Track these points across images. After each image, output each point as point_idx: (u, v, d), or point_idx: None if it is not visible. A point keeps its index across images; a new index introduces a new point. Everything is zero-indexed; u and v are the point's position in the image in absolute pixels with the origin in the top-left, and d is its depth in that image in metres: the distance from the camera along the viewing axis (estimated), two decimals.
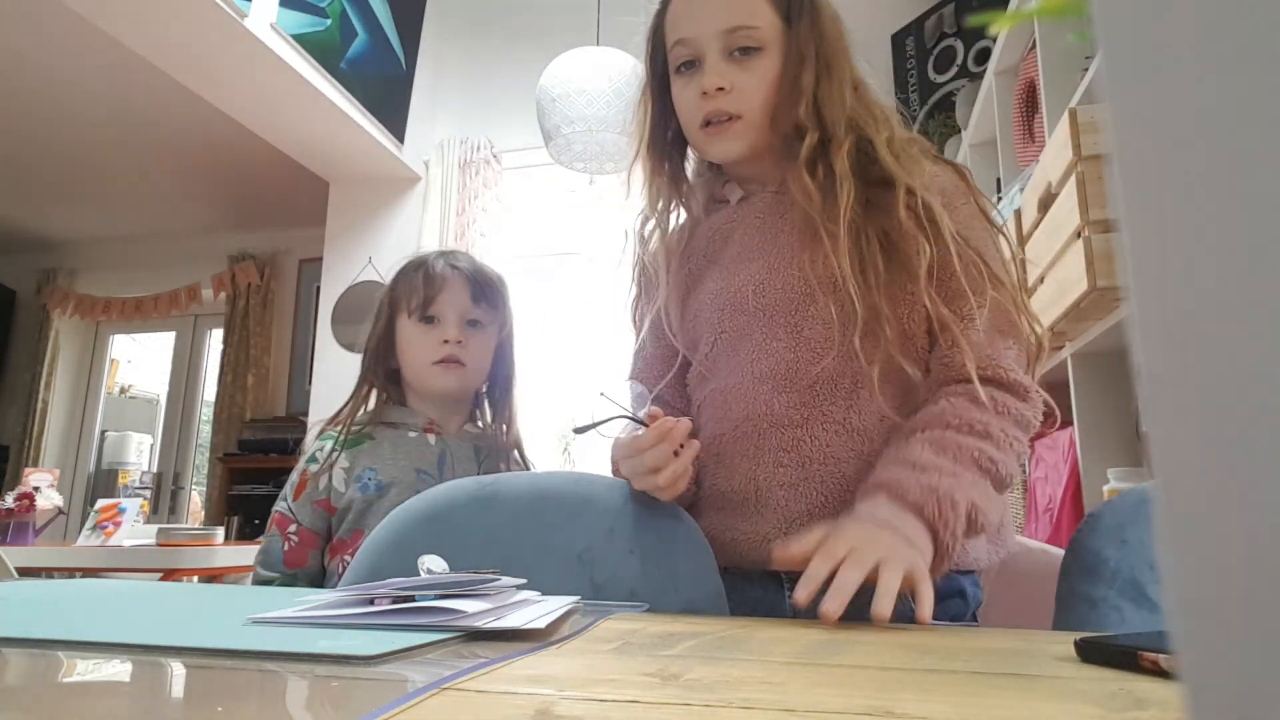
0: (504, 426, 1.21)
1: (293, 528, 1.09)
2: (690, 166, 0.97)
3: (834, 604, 0.58)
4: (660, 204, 0.94)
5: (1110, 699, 0.33)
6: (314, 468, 1.11)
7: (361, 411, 1.16)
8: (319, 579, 1.11)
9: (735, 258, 0.86)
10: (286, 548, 1.08)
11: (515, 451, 1.21)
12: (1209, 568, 0.11)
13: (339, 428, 1.13)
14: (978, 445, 0.70)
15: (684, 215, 0.95)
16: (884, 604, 0.57)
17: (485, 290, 1.17)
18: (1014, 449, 0.72)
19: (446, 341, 1.13)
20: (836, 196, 0.77)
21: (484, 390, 1.23)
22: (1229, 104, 0.11)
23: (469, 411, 1.20)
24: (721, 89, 0.82)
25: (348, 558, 1.04)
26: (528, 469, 1.22)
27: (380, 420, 1.15)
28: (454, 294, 1.15)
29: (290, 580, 1.09)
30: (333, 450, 1.11)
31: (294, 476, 1.12)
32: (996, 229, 0.82)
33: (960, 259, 0.76)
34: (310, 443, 1.16)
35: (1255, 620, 0.11)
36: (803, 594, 0.60)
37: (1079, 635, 0.44)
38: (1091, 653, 0.42)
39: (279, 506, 1.11)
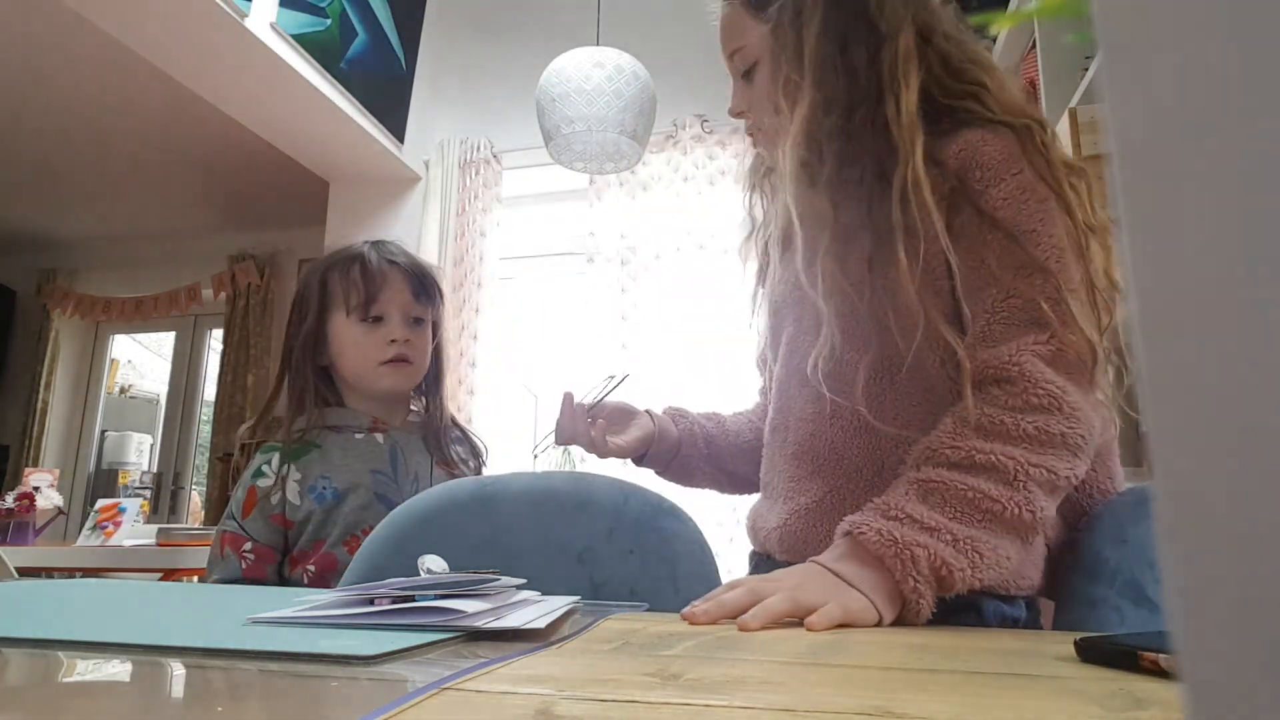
0: (440, 410, 1.19)
1: (247, 545, 1.05)
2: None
3: (701, 607, 0.58)
4: (759, 217, 0.97)
5: (1110, 699, 0.33)
6: (263, 483, 1.07)
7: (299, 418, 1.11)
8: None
9: (795, 249, 0.86)
10: (244, 566, 1.04)
11: (456, 430, 1.22)
12: (1209, 568, 0.11)
13: (279, 439, 1.09)
14: (974, 484, 0.62)
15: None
16: (755, 620, 0.55)
17: (425, 285, 1.15)
18: (1034, 478, 0.62)
19: (394, 341, 1.10)
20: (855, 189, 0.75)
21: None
22: (1229, 103, 0.11)
23: (407, 403, 1.19)
24: (741, 113, 0.88)
25: (311, 568, 1.04)
26: (472, 443, 1.23)
27: (323, 425, 1.11)
28: (396, 291, 1.11)
29: None
30: (282, 464, 1.07)
31: (239, 494, 1.08)
32: (1062, 197, 0.70)
33: (986, 244, 0.69)
34: (253, 457, 1.11)
35: (1255, 620, 0.11)
36: (697, 609, 0.58)
37: (1079, 635, 0.44)
38: (1091, 653, 0.42)
39: (226, 525, 1.07)
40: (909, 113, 0.72)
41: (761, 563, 0.87)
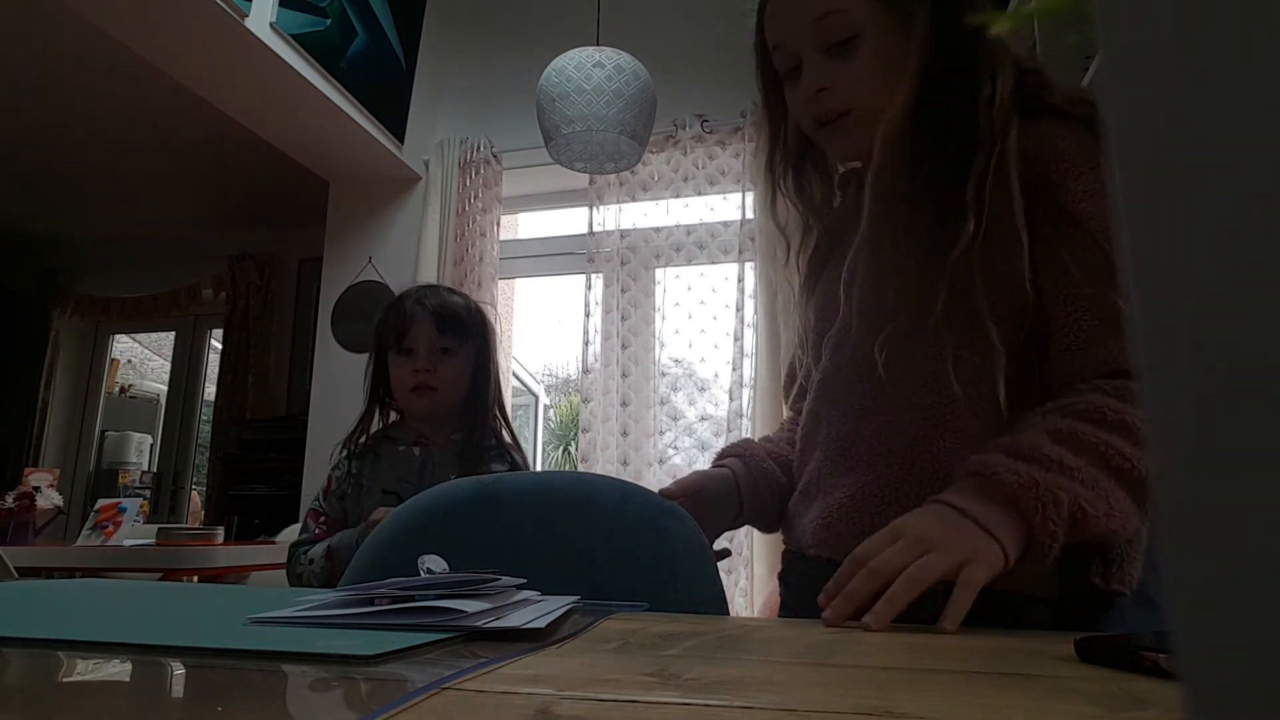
0: (475, 429, 1.37)
1: (322, 518, 1.35)
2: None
3: (833, 607, 0.58)
4: (790, 222, 0.90)
5: (1110, 699, 0.33)
6: (337, 474, 1.37)
7: (375, 426, 1.40)
8: None
9: (851, 244, 0.83)
10: (317, 532, 1.33)
11: (500, 450, 1.38)
12: (1209, 568, 0.11)
13: (351, 446, 1.37)
14: (1108, 439, 0.60)
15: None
16: (885, 614, 0.55)
17: (449, 320, 1.35)
18: None
19: (417, 370, 1.32)
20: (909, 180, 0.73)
21: (468, 403, 1.40)
22: (1230, 103, 0.11)
23: (457, 423, 1.38)
24: (823, 90, 0.77)
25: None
26: (513, 460, 1.38)
27: (384, 435, 1.38)
28: (422, 326, 1.34)
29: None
30: (349, 466, 1.36)
31: (324, 482, 1.39)
32: None
33: (1065, 240, 0.68)
34: (334, 456, 1.42)
35: (1255, 620, 0.11)
36: (830, 614, 0.58)
37: (1079, 635, 0.44)
38: (1091, 653, 0.42)
39: (312, 505, 1.37)
40: (1005, 97, 0.70)
41: (795, 561, 0.86)
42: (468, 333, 1.37)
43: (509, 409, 1.51)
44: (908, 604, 0.56)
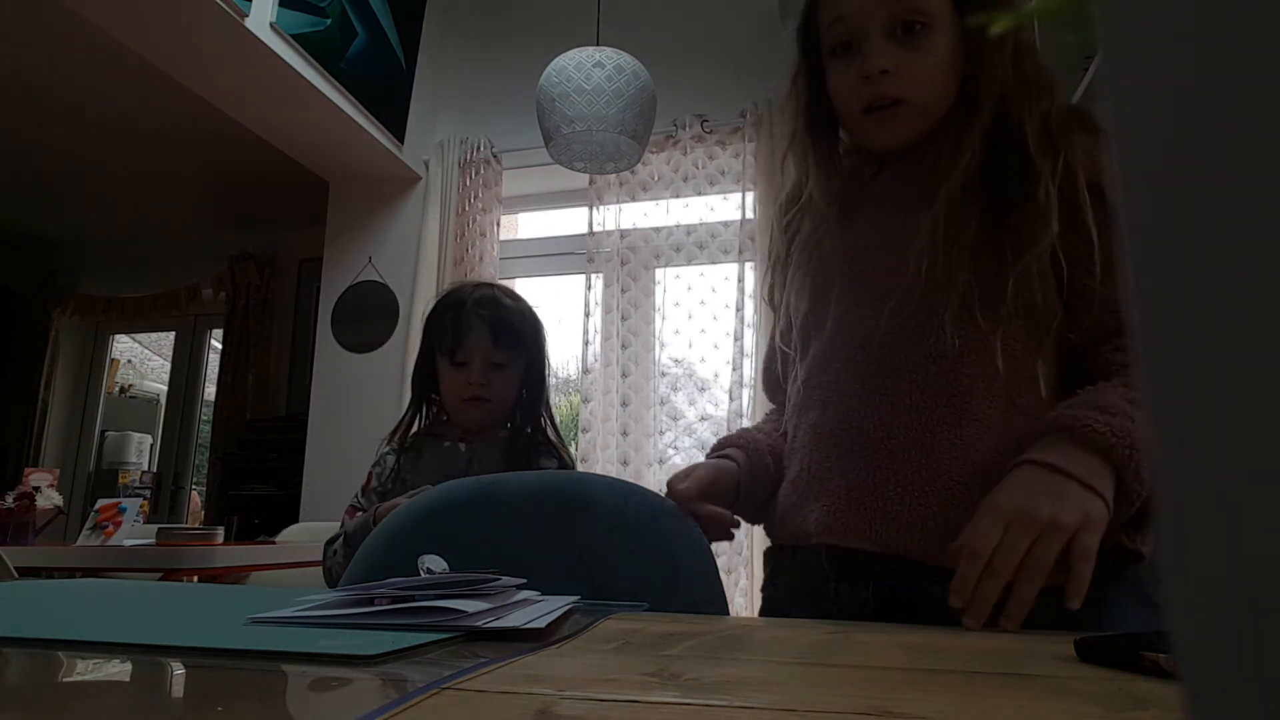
0: (528, 429, 1.35)
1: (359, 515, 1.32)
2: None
3: (972, 613, 0.60)
4: (808, 192, 0.87)
5: (1110, 699, 0.33)
6: (378, 470, 1.34)
7: (417, 424, 1.38)
8: None
9: (853, 226, 0.83)
10: None
11: (547, 447, 1.35)
12: (1209, 567, 0.11)
13: (395, 443, 1.35)
14: None
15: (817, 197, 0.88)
16: (1017, 616, 0.58)
17: (506, 334, 1.31)
18: None
19: (471, 383, 1.29)
20: (951, 167, 0.74)
21: (518, 404, 1.38)
22: (1230, 102, 0.11)
23: (505, 421, 1.36)
24: (886, 72, 0.75)
25: None
26: (561, 459, 1.35)
27: (428, 432, 1.36)
28: (478, 338, 1.29)
29: None
30: (395, 462, 1.32)
31: (364, 478, 1.36)
32: None
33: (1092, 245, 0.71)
34: (377, 452, 1.39)
35: (1255, 620, 0.11)
36: (972, 621, 0.60)
37: (1079, 635, 0.44)
38: (1091, 653, 0.42)
39: (351, 501, 1.33)
40: (1060, 109, 0.75)
41: (783, 560, 0.85)
42: (523, 344, 1.34)
43: None
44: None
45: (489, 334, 1.30)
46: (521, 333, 1.34)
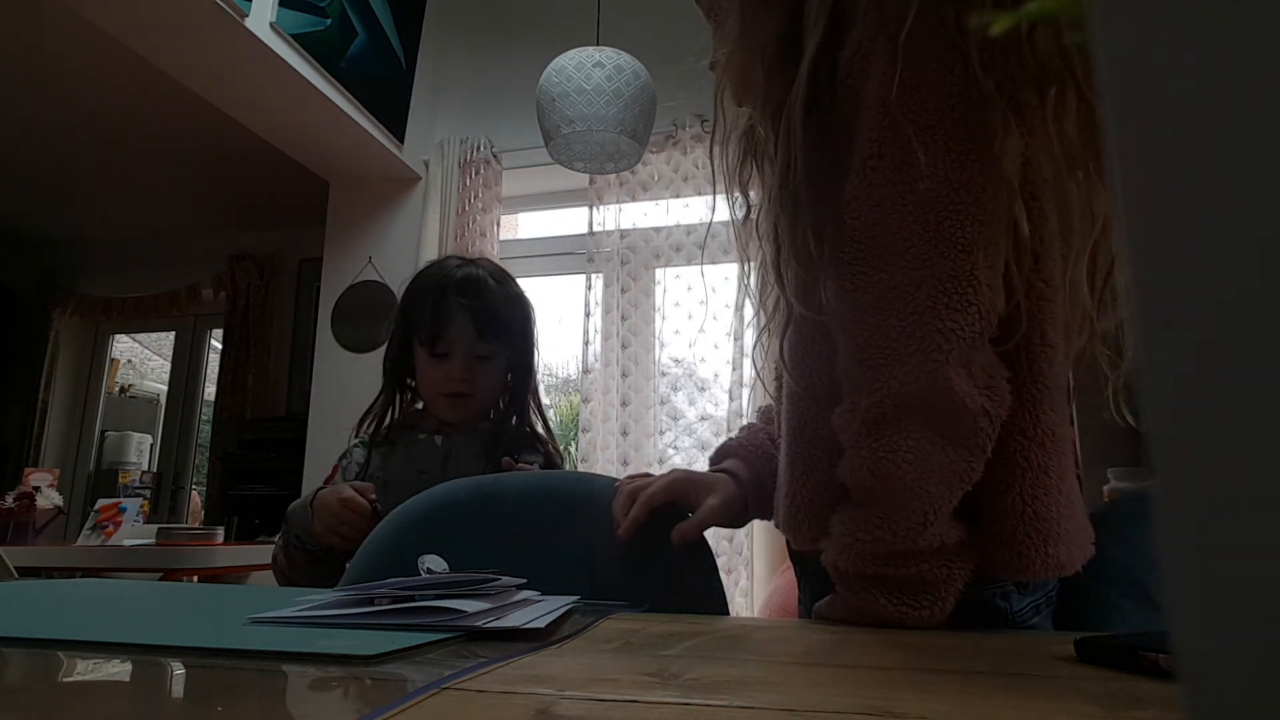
0: (505, 421, 1.24)
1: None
2: None
3: None
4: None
5: (1110, 699, 0.33)
6: (345, 462, 1.22)
7: (389, 415, 1.25)
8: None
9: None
10: None
11: (533, 442, 1.24)
12: (1209, 567, 0.11)
13: (364, 436, 1.23)
14: None
15: None
16: None
17: (491, 325, 1.20)
18: None
19: (453, 379, 1.18)
20: None
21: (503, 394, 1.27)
22: (1229, 103, 0.11)
23: (486, 415, 1.25)
24: None
25: None
26: (547, 454, 1.24)
27: (403, 424, 1.24)
28: (461, 330, 1.18)
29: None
30: (365, 456, 1.21)
31: (329, 471, 1.25)
32: None
33: None
34: (347, 444, 1.28)
35: (1255, 620, 0.11)
36: None
37: (1079, 635, 0.44)
38: (1091, 653, 0.42)
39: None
40: None
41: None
42: (509, 335, 1.23)
43: None
44: None
45: (472, 325, 1.18)
46: (508, 322, 1.22)
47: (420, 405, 1.25)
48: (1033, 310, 0.60)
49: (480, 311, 1.19)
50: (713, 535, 1.04)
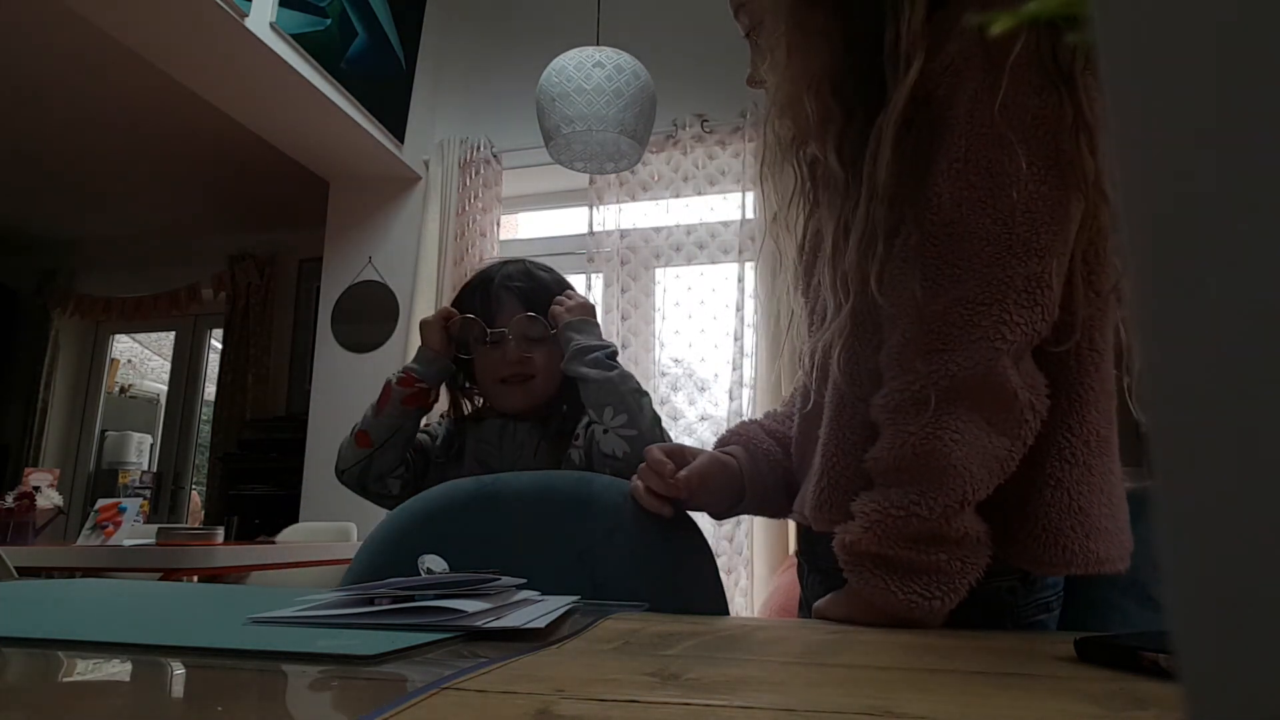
0: (564, 408, 1.21)
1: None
2: None
3: None
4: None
5: (1110, 699, 0.33)
6: (434, 430, 1.26)
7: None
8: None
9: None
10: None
11: (576, 441, 1.19)
12: (1209, 567, 0.11)
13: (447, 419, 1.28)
14: None
15: None
16: None
17: (540, 305, 1.20)
18: None
19: (509, 361, 1.17)
20: None
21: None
22: (1229, 103, 0.11)
23: (550, 405, 1.23)
24: None
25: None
26: (601, 458, 1.18)
27: (473, 417, 1.26)
28: (511, 312, 1.19)
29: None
30: (448, 431, 1.25)
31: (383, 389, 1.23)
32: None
33: None
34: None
35: (1255, 620, 0.11)
36: None
37: (1079, 635, 0.44)
38: (1091, 652, 0.42)
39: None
40: None
41: (805, 532, 0.81)
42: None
43: None
44: None
45: (522, 307, 1.18)
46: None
47: (482, 403, 1.26)
48: (1086, 318, 0.63)
49: (528, 293, 1.20)
50: (713, 535, 1.04)
